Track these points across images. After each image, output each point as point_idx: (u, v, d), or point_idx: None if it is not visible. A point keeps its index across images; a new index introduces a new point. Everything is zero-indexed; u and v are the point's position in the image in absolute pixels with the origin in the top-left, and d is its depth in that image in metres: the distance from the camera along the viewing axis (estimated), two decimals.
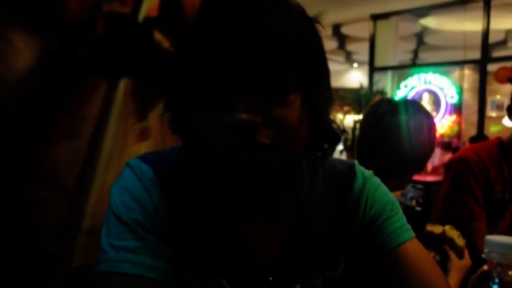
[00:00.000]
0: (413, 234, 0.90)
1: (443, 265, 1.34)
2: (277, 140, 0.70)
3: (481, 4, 7.28)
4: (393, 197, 0.93)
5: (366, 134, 1.51)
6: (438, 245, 1.37)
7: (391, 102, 1.49)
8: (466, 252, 1.38)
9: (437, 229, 1.39)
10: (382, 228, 0.88)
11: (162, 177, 0.80)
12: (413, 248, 0.88)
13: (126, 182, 0.80)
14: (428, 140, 1.45)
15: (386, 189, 0.94)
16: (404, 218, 0.91)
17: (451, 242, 1.36)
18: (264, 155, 0.70)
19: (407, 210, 1.41)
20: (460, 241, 1.37)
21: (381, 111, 1.46)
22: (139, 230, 0.76)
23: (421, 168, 1.51)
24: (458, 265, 1.33)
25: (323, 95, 0.78)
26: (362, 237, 0.89)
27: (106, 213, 0.80)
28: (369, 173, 0.94)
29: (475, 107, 8.81)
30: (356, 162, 0.95)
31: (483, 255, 0.68)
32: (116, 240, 0.76)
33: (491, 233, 1.76)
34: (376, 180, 0.94)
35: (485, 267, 0.68)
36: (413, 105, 1.49)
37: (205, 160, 0.75)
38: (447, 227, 1.40)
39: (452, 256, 1.34)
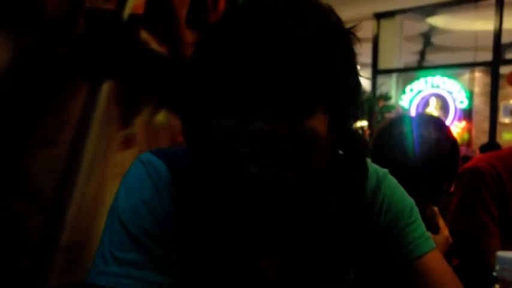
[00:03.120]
0: (433, 244, 0.89)
1: None
2: (302, 154, 0.70)
3: (493, 2, 7.34)
4: (411, 200, 0.92)
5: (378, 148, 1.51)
6: None
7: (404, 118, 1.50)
8: (442, 223, 1.38)
9: None
10: (400, 236, 0.87)
11: (176, 175, 0.79)
12: (435, 261, 0.88)
13: (135, 181, 0.80)
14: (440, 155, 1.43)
15: (403, 191, 0.92)
16: (423, 226, 0.91)
17: None
18: (287, 170, 0.69)
19: None
20: (428, 212, 1.36)
21: (397, 130, 1.46)
22: (146, 241, 0.76)
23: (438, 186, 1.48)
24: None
25: (351, 112, 0.79)
26: (377, 244, 0.89)
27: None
28: (383, 171, 0.92)
29: (486, 112, 8.88)
30: (368, 160, 0.92)
31: (494, 273, 0.68)
32: (119, 251, 0.76)
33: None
34: (393, 180, 0.92)
35: (497, 286, 0.68)
36: (423, 119, 1.49)
37: (218, 174, 0.75)
38: None
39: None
